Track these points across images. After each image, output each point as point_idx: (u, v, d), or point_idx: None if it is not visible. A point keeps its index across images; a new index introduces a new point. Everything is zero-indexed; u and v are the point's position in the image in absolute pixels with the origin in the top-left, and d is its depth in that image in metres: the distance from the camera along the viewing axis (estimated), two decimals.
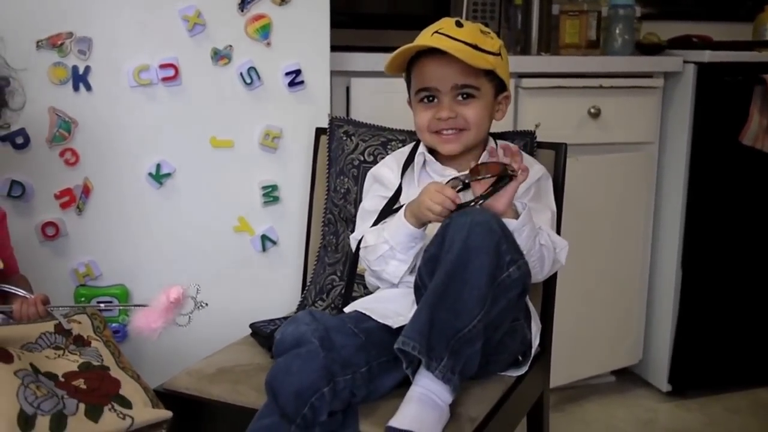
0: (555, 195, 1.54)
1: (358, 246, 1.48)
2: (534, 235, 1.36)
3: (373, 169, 1.58)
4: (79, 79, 1.65)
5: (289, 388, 1.20)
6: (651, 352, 2.45)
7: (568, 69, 2.17)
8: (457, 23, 1.43)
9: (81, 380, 1.21)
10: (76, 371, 1.23)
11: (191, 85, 1.71)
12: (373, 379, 1.28)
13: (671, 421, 2.28)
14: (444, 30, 1.41)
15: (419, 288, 1.30)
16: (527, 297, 1.41)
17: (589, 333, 2.30)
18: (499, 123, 1.55)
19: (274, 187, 1.79)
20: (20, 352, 1.19)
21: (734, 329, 2.39)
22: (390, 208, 1.48)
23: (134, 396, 1.24)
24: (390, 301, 1.41)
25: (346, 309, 1.42)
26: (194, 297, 1.31)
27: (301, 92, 1.77)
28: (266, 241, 1.81)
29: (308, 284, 1.71)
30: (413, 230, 1.38)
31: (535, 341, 1.46)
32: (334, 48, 1.81)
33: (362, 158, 1.65)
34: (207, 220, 1.77)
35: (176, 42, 1.68)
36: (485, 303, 1.22)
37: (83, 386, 1.20)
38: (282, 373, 1.22)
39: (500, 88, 1.48)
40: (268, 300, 1.81)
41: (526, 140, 1.60)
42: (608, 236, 2.26)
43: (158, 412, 1.26)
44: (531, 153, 1.59)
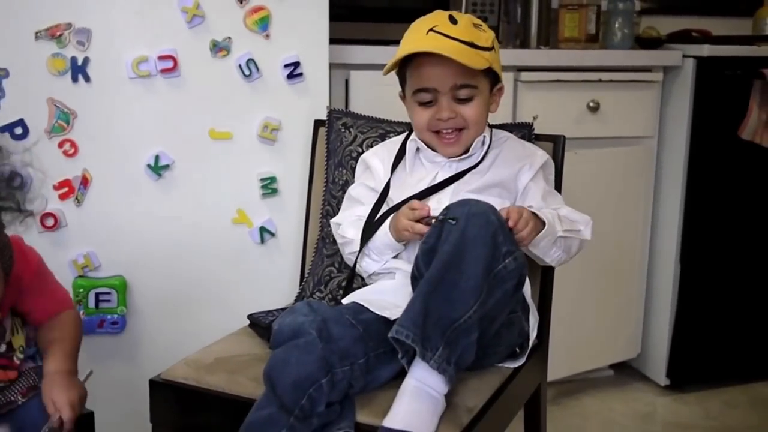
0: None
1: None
2: (552, 241, 1.39)
3: (365, 155, 1.59)
4: (78, 71, 1.65)
5: (287, 379, 1.20)
6: (649, 346, 2.45)
7: (568, 63, 2.17)
8: (451, 18, 1.42)
9: None
10: None
11: (190, 77, 1.71)
12: (371, 371, 1.28)
13: (669, 415, 2.29)
14: (439, 28, 1.40)
15: (416, 278, 1.31)
16: (526, 290, 1.42)
17: (588, 326, 2.30)
18: (498, 116, 1.56)
19: (273, 179, 1.79)
20: None
21: (732, 323, 2.39)
22: (378, 207, 1.49)
23: None
24: (388, 293, 1.41)
25: (344, 300, 1.42)
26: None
27: (300, 84, 1.77)
28: (265, 233, 1.81)
29: (306, 276, 1.71)
30: (392, 242, 1.43)
31: (533, 334, 1.47)
32: (334, 41, 1.81)
33: (360, 150, 1.65)
34: (205, 212, 1.77)
35: (175, 34, 1.68)
36: (481, 293, 1.22)
37: None
38: (280, 364, 1.22)
39: (494, 81, 1.49)
40: (267, 291, 1.81)
41: (524, 132, 1.60)
42: (607, 230, 2.26)
43: None
44: None
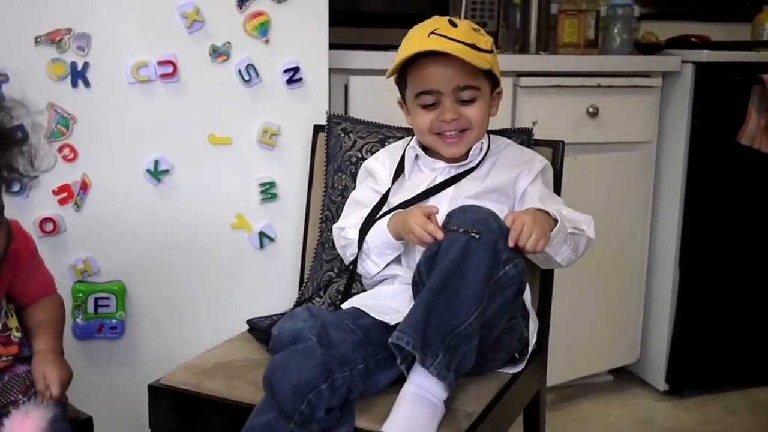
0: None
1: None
2: (563, 239, 1.38)
3: (366, 162, 1.59)
4: (78, 75, 1.65)
5: (287, 385, 1.20)
6: (648, 351, 2.45)
7: (567, 68, 2.17)
8: (451, 22, 1.43)
9: None
10: None
11: (190, 82, 1.71)
12: (370, 376, 1.28)
13: (668, 420, 2.29)
14: (440, 30, 1.41)
15: (417, 284, 1.31)
16: (526, 296, 1.42)
17: (587, 332, 2.30)
18: (497, 121, 1.56)
19: (272, 184, 1.80)
20: None
21: (731, 329, 2.39)
22: (377, 211, 1.49)
23: None
24: (388, 298, 1.41)
25: (344, 305, 1.42)
26: None
27: (300, 89, 1.78)
28: (264, 238, 1.81)
29: (305, 281, 1.71)
30: (391, 240, 1.41)
31: (532, 339, 1.47)
32: (334, 46, 1.82)
33: (360, 155, 1.65)
34: (205, 217, 1.77)
35: (175, 39, 1.69)
36: (482, 300, 1.22)
37: None
38: (280, 370, 1.22)
39: (494, 85, 1.49)
40: (266, 296, 1.81)
41: (524, 137, 1.60)
42: (606, 235, 2.25)
43: None
44: None
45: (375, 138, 1.67)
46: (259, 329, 1.52)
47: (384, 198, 1.51)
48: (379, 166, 1.55)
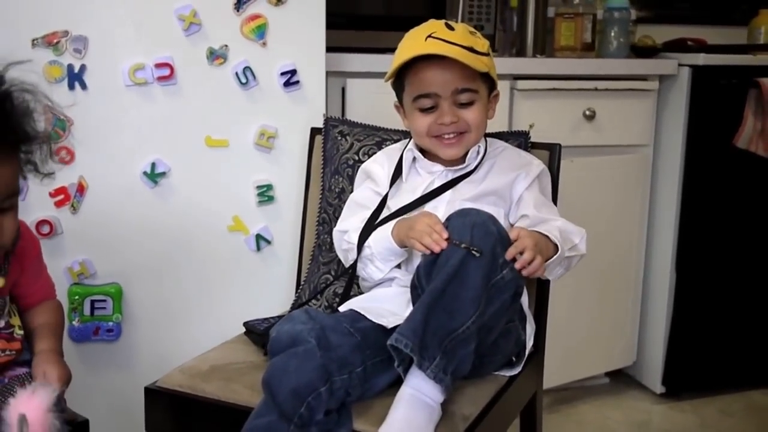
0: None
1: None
2: (559, 262, 1.37)
3: (365, 165, 1.59)
4: (75, 78, 1.65)
5: (286, 387, 1.20)
6: (645, 354, 2.45)
7: (564, 71, 2.17)
8: (447, 26, 1.43)
9: None
10: None
11: (187, 85, 1.71)
12: (368, 379, 1.28)
13: (665, 423, 2.29)
14: (437, 34, 1.41)
15: (416, 288, 1.31)
16: (523, 299, 1.42)
17: (583, 334, 2.30)
18: (494, 124, 1.56)
19: (269, 187, 1.80)
20: None
21: (728, 331, 2.39)
22: (377, 215, 1.49)
23: None
24: (385, 301, 1.41)
25: (341, 308, 1.42)
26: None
27: (297, 92, 1.78)
28: (261, 241, 1.81)
29: (302, 283, 1.71)
30: (395, 247, 1.40)
31: (529, 342, 1.47)
32: (331, 49, 1.82)
33: (357, 158, 1.65)
34: (201, 220, 1.77)
35: (172, 41, 1.69)
36: (480, 304, 1.22)
37: None
38: (279, 372, 1.22)
39: (491, 87, 1.50)
40: (262, 299, 1.81)
41: (520, 140, 1.61)
42: (602, 238, 2.26)
43: None
44: None
45: (372, 141, 1.67)
46: (256, 332, 1.52)
47: (383, 202, 1.51)
48: (378, 169, 1.55)
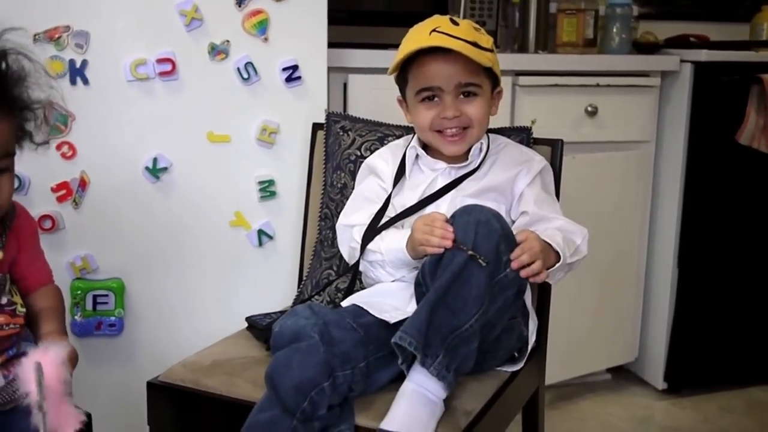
0: None
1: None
2: (560, 268, 1.37)
3: (368, 160, 1.58)
4: (76, 73, 1.65)
5: (290, 382, 1.20)
6: (647, 350, 2.45)
7: (566, 67, 2.17)
8: (452, 21, 1.43)
9: None
10: None
11: (188, 80, 1.71)
12: (371, 374, 1.28)
13: (666, 419, 2.29)
14: (442, 28, 1.41)
15: (420, 285, 1.31)
16: (526, 295, 1.42)
17: (585, 331, 2.30)
18: (496, 120, 1.56)
19: (271, 182, 1.80)
20: None
21: (730, 328, 2.39)
22: (382, 214, 1.48)
23: None
24: (388, 296, 1.41)
25: (344, 303, 1.42)
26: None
27: (299, 88, 1.78)
28: (263, 236, 1.81)
29: (304, 279, 1.71)
30: (408, 259, 1.39)
31: (532, 338, 1.47)
32: (333, 45, 1.82)
33: (359, 153, 1.65)
34: (203, 215, 1.77)
35: (174, 37, 1.68)
36: (483, 302, 1.23)
37: None
38: (282, 367, 1.22)
39: (494, 84, 1.50)
40: (264, 294, 1.81)
41: (522, 136, 1.61)
42: (605, 234, 2.26)
43: None
44: None
45: (374, 136, 1.67)
46: (258, 327, 1.52)
47: (387, 199, 1.50)
48: (383, 164, 1.54)
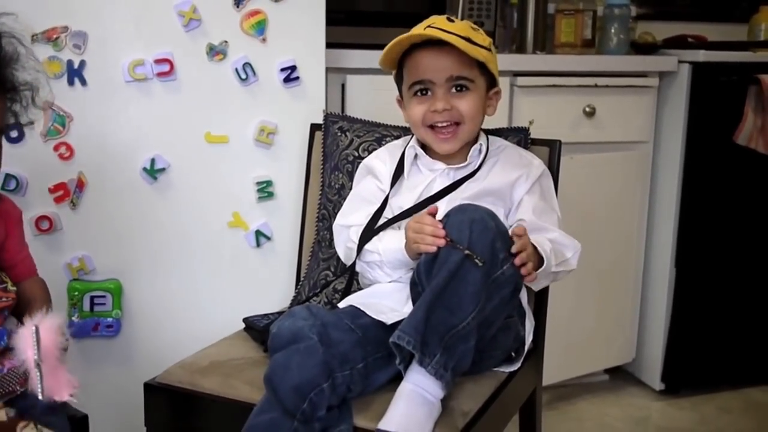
0: None
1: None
2: (544, 276, 1.37)
3: (366, 160, 1.58)
4: (74, 74, 1.65)
5: (289, 384, 1.20)
6: (644, 351, 2.45)
7: (564, 68, 2.17)
8: (449, 19, 1.44)
9: None
10: None
11: (186, 81, 1.71)
12: (369, 375, 1.29)
13: (664, 420, 2.29)
14: (437, 24, 1.42)
15: (416, 285, 1.31)
16: (522, 295, 1.42)
17: (583, 331, 2.30)
18: (494, 120, 1.56)
19: (269, 183, 1.79)
20: None
21: (727, 328, 2.39)
22: (379, 215, 1.48)
23: None
24: (384, 297, 1.41)
25: (341, 304, 1.42)
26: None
27: (296, 88, 1.78)
28: (260, 237, 1.81)
29: (302, 279, 1.71)
30: (407, 260, 1.39)
31: (529, 338, 1.47)
32: (331, 45, 1.82)
33: (357, 154, 1.65)
34: (201, 216, 1.77)
35: (171, 37, 1.68)
36: (480, 300, 1.23)
37: None
38: (281, 369, 1.23)
39: (491, 84, 1.49)
40: (262, 295, 1.81)
41: (520, 137, 1.61)
42: (602, 235, 2.26)
43: None
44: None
45: (372, 137, 1.67)
46: (256, 328, 1.52)
47: (385, 200, 1.50)
48: (381, 165, 1.54)
